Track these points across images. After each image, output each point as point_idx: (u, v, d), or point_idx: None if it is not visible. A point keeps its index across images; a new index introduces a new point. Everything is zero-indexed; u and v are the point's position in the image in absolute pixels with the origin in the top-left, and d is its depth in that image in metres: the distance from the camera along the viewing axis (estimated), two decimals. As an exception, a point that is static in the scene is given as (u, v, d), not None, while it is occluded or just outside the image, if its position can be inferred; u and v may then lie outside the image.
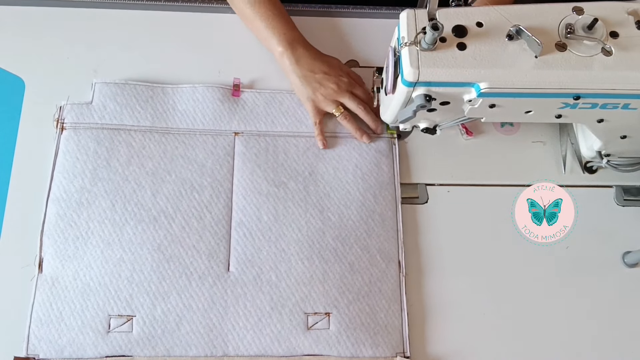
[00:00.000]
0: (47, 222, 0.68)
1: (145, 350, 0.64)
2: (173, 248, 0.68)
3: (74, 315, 0.65)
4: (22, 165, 0.72)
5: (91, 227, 0.68)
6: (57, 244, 0.67)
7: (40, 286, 0.66)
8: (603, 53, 0.56)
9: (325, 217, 0.71)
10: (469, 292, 0.70)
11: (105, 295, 0.66)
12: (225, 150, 0.73)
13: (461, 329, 0.69)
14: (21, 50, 0.77)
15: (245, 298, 0.67)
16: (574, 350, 0.69)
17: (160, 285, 0.67)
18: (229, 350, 0.65)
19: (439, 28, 0.53)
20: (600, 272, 0.72)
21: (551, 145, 0.78)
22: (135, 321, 0.65)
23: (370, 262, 0.69)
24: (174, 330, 0.65)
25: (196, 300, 0.66)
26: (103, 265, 0.67)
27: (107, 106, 0.74)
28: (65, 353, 0.64)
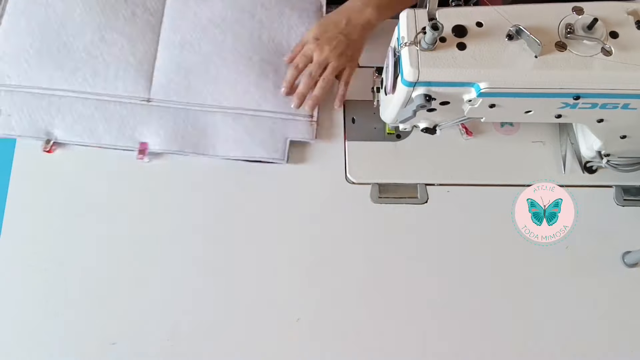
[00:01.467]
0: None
1: None
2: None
3: None
4: (23, 165, 0.72)
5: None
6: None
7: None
8: (603, 53, 0.56)
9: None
10: (469, 292, 0.70)
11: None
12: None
13: (461, 329, 0.69)
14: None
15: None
16: (573, 350, 0.69)
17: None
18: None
19: (439, 28, 0.53)
20: (600, 272, 0.72)
21: (551, 145, 0.78)
22: None
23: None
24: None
25: None
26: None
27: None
28: None
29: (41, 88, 0.72)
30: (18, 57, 0.73)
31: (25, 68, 0.73)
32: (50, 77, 0.73)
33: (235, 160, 0.73)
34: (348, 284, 0.70)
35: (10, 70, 0.73)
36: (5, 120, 0.71)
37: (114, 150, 0.72)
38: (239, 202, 0.72)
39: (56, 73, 0.73)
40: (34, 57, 0.73)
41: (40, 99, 0.72)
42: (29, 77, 0.73)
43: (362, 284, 0.70)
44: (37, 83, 0.72)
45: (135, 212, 0.71)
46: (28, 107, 0.71)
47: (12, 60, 0.73)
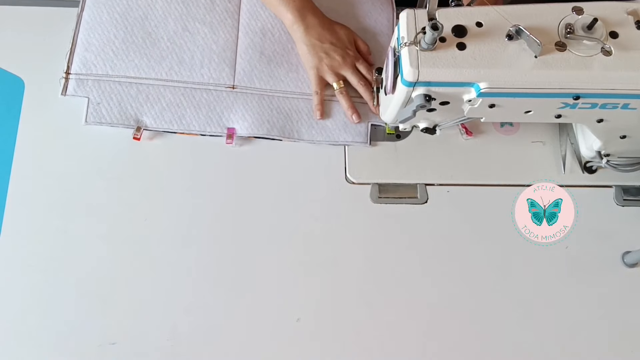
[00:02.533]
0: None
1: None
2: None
3: None
4: (22, 165, 0.71)
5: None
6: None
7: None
8: (603, 53, 0.56)
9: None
10: (469, 292, 0.70)
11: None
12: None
13: (461, 329, 0.69)
14: (21, 50, 0.77)
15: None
16: (573, 350, 0.69)
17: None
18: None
19: (439, 28, 0.53)
20: (599, 272, 0.72)
21: (551, 145, 0.78)
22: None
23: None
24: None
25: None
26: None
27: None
28: None
29: (129, 77, 0.74)
30: (104, 47, 0.75)
31: (112, 57, 0.75)
32: (137, 66, 0.75)
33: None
34: (348, 283, 0.70)
35: (97, 60, 0.75)
36: (95, 109, 0.73)
37: (202, 136, 0.74)
38: (246, 201, 0.72)
39: (142, 62, 0.75)
40: (119, 47, 0.75)
41: (129, 87, 0.74)
42: (116, 67, 0.75)
43: (362, 283, 0.70)
44: (125, 72, 0.74)
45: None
46: (117, 95, 0.73)
47: (97, 51, 0.75)
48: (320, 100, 0.76)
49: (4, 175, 0.71)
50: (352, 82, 0.76)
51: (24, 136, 0.73)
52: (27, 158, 0.72)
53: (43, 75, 0.76)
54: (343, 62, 0.75)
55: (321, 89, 0.76)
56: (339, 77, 0.75)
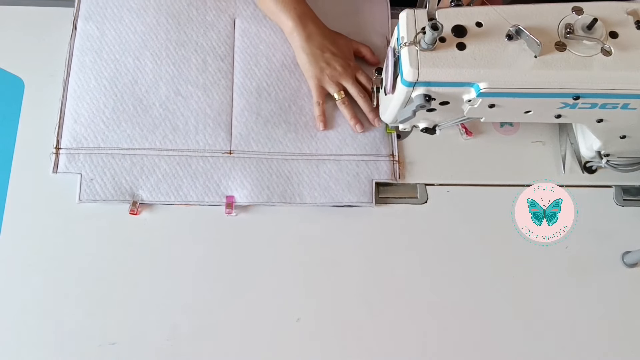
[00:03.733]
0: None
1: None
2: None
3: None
4: (22, 165, 0.71)
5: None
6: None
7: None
8: (602, 53, 0.56)
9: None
10: (469, 292, 0.70)
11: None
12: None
13: (461, 329, 0.69)
14: (21, 50, 0.77)
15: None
16: (573, 350, 0.69)
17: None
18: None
19: (439, 28, 0.53)
20: (599, 272, 0.72)
21: (551, 145, 0.78)
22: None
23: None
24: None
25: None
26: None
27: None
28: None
29: (122, 149, 0.71)
30: (94, 117, 0.72)
31: (103, 129, 0.72)
32: (129, 136, 0.72)
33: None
34: (348, 283, 0.70)
35: (87, 132, 0.71)
36: (89, 186, 0.69)
37: (200, 206, 0.71)
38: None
39: (135, 132, 0.72)
40: (110, 116, 0.72)
41: (122, 160, 0.71)
42: (108, 138, 0.71)
43: (362, 284, 0.70)
44: (117, 144, 0.71)
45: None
46: (110, 169, 0.70)
47: (87, 122, 0.72)
48: (322, 111, 0.75)
49: (4, 174, 0.71)
50: (353, 93, 0.75)
51: (24, 136, 0.73)
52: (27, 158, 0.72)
53: (43, 76, 0.76)
54: (344, 73, 0.74)
55: (323, 100, 0.75)
56: (339, 87, 0.75)
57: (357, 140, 0.75)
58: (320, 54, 0.74)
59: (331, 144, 0.74)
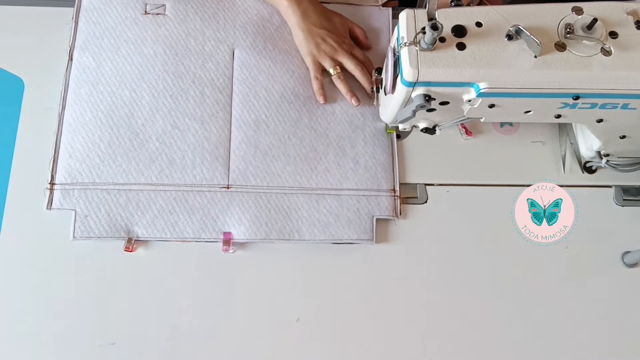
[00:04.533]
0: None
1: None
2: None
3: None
4: (22, 165, 0.71)
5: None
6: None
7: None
8: (602, 53, 0.56)
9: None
10: (468, 291, 0.70)
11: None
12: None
13: (460, 328, 0.69)
14: (21, 50, 0.77)
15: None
16: (573, 350, 0.69)
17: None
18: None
19: (439, 28, 0.53)
20: (599, 272, 0.72)
21: (550, 145, 0.78)
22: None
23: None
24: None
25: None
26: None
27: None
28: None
29: (117, 184, 0.70)
30: (89, 152, 0.71)
31: (98, 163, 0.70)
32: (125, 171, 0.70)
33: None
34: (348, 283, 0.70)
35: (82, 167, 0.70)
36: (83, 222, 0.68)
37: (196, 242, 0.69)
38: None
39: (131, 166, 0.71)
40: (105, 151, 0.71)
41: (117, 195, 0.69)
42: (103, 173, 0.70)
43: (362, 283, 0.70)
44: (112, 179, 0.70)
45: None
46: (105, 205, 0.69)
47: (82, 157, 0.71)
48: (321, 85, 0.75)
49: (4, 174, 0.71)
50: (349, 67, 0.75)
51: (24, 136, 0.73)
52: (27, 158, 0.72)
53: (43, 76, 0.76)
54: (339, 48, 0.75)
55: (320, 74, 0.76)
56: (335, 63, 0.75)
57: (358, 174, 0.73)
58: (316, 30, 0.75)
59: (332, 177, 0.73)
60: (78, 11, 0.77)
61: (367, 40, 0.79)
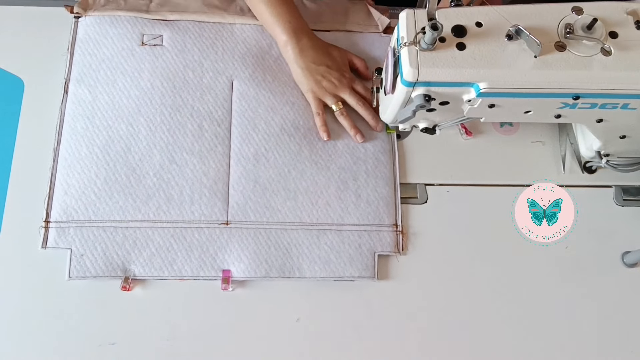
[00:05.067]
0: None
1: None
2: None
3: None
4: (22, 165, 0.71)
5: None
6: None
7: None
8: (602, 53, 0.56)
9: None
10: (469, 292, 0.70)
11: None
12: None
13: (460, 329, 0.69)
14: (21, 50, 0.77)
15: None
16: (573, 350, 0.69)
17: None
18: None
19: (439, 28, 0.53)
20: (599, 272, 0.72)
21: (550, 145, 0.78)
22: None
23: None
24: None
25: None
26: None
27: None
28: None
29: (113, 221, 0.68)
30: (85, 189, 0.69)
31: (94, 200, 0.69)
32: (121, 208, 0.69)
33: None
34: (347, 283, 0.70)
35: (78, 204, 0.69)
36: (79, 262, 0.67)
37: (195, 281, 0.68)
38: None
39: (127, 203, 0.69)
40: (101, 187, 0.69)
41: (114, 233, 0.68)
42: (99, 210, 0.68)
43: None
44: (109, 216, 0.68)
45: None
46: (101, 244, 0.67)
47: (78, 194, 0.69)
48: (324, 121, 0.74)
49: (4, 174, 0.71)
50: (351, 103, 0.74)
51: (24, 136, 0.73)
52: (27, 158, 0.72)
53: (43, 76, 0.76)
54: (340, 85, 0.74)
55: (322, 110, 0.74)
56: (337, 99, 0.74)
57: (360, 208, 0.71)
58: (315, 67, 0.74)
59: (333, 212, 0.71)
60: (73, 42, 0.76)
61: (367, 72, 0.78)
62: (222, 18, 0.78)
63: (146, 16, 0.77)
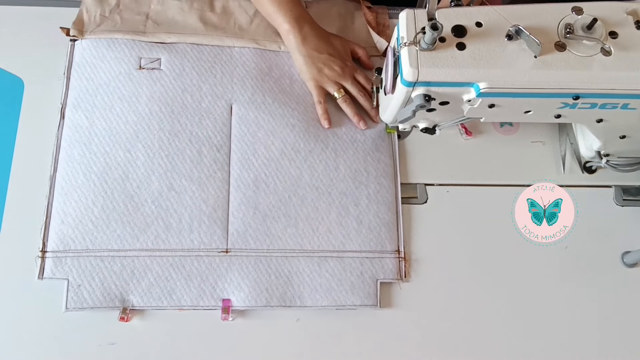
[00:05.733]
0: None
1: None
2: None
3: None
4: (22, 165, 0.71)
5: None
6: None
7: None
8: (602, 53, 0.56)
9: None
10: (469, 292, 0.70)
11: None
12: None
13: (459, 328, 0.69)
14: (21, 50, 0.77)
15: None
16: (573, 349, 0.69)
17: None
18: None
19: (438, 28, 0.53)
20: (599, 272, 0.72)
21: (550, 145, 0.78)
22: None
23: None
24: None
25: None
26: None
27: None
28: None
29: (111, 250, 0.67)
30: (82, 217, 0.68)
31: (91, 229, 0.68)
32: (119, 237, 0.68)
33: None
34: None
35: (75, 233, 0.67)
36: (76, 293, 0.65)
37: (194, 310, 0.67)
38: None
39: (125, 232, 0.68)
40: (99, 215, 0.68)
41: (112, 262, 0.67)
42: (97, 240, 0.67)
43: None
44: (106, 245, 0.67)
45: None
46: (99, 274, 0.66)
47: (75, 222, 0.68)
48: (325, 109, 0.74)
49: (4, 174, 0.71)
50: (353, 92, 0.75)
51: (24, 136, 0.73)
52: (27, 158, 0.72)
53: (43, 76, 0.76)
54: (342, 73, 0.74)
55: (324, 98, 0.75)
56: (339, 86, 0.75)
57: (361, 235, 0.70)
58: (317, 55, 0.74)
59: (334, 238, 0.70)
60: (70, 66, 0.75)
61: (369, 61, 0.79)
62: (220, 41, 0.77)
63: (144, 39, 0.76)
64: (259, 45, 0.77)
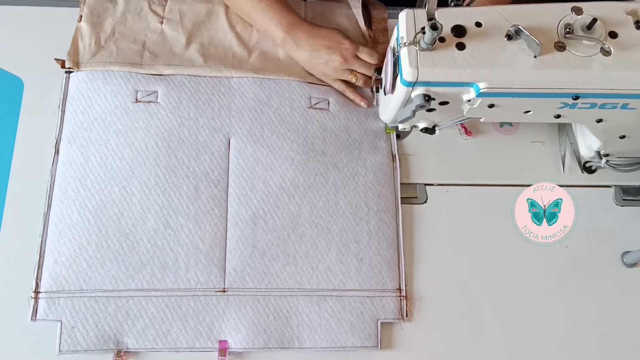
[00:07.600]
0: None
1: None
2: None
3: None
4: (21, 165, 0.72)
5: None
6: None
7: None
8: (602, 53, 0.56)
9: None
10: (469, 292, 0.70)
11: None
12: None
13: (461, 330, 0.69)
14: (21, 50, 0.77)
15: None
16: (572, 349, 0.69)
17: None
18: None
19: (438, 28, 0.53)
20: (599, 272, 0.72)
21: (550, 145, 0.78)
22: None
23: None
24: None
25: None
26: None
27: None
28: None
29: (105, 291, 0.65)
30: (76, 257, 0.66)
31: (85, 269, 0.66)
32: (114, 277, 0.66)
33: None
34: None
35: (69, 273, 0.66)
36: (70, 335, 0.64)
37: (191, 352, 0.65)
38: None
39: (120, 271, 0.66)
40: (93, 255, 0.66)
41: (106, 303, 0.65)
42: (91, 280, 0.66)
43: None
44: (101, 285, 0.65)
45: None
46: (93, 315, 0.64)
47: (69, 262, 0.66)
48: (353, 92, 0.76)
49: (4, 174, 0.71)
50: (363, 72, 0.76)
51: (24, 136, 0.73)
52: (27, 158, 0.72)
53: (43, 76, 0.75)
54: (344, 60, 0.75)
55: (345, 85, 0.77)
56: (349, 72, 0.75)
57: (362, 273, 0.69)
58: (317, 54, 0.75)
59: (334, 277, 0.68)
60: (65, 100, 0.73)
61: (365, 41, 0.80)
62: (218, 72, 0.75)
63: (140, 71, 0.74)
64: (258, 74, 0.76)
